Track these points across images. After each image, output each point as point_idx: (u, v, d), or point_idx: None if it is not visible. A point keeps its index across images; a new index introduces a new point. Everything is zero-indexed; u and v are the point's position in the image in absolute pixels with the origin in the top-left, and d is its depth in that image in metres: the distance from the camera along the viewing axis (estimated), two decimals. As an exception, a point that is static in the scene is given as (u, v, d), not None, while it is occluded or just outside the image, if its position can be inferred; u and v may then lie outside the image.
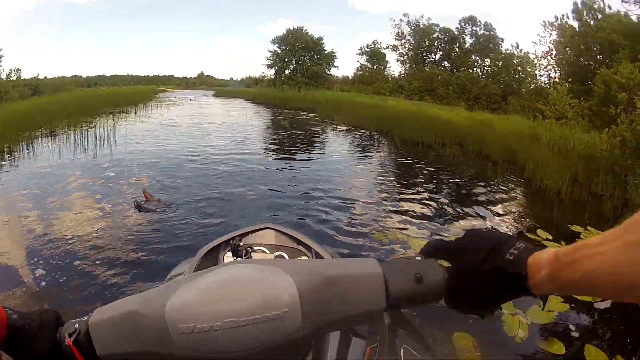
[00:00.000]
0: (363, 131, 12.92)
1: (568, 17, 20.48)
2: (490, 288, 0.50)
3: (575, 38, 18.38)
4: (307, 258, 1.08)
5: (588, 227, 4.62)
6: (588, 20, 18.10)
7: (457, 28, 36.75)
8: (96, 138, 8.98)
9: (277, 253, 1.09)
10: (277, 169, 7.07)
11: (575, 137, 9.46)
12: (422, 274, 0.52)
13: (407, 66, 39.42)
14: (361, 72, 41.49)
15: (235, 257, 1.03)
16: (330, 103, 19.50)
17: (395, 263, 0.54)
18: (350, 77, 43.67)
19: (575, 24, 19.60)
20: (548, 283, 0.46)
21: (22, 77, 31.72)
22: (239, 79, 60.78)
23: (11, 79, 30.68)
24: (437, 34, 37.89)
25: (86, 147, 8.25)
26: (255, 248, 1.09)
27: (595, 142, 8.83)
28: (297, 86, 31.34)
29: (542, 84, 25.84)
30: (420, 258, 0.56)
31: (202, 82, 72.91)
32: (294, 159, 8.14)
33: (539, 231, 4.38)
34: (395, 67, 72.65)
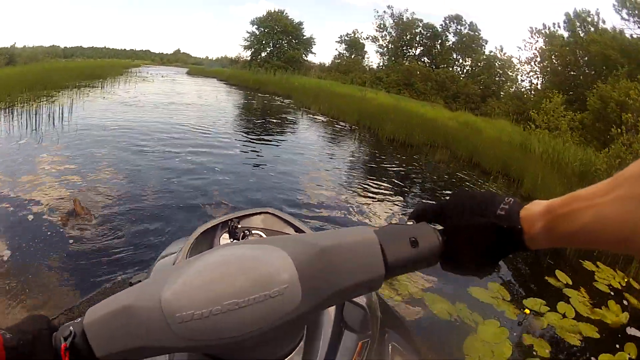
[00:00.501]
0: (343, 124, 11.96)
1: (559, 26, 20.36)
2: (485, 245, 0.49)
3: (564, 48, 18.13)
4: None
5: (598, 263, 4.08)
6: (579, 32, 17.83)
7: (441, 25, 36.63)
8: (49, 117, 7.63)
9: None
10: (246, 163, 6.06)
11: (570, 152, 8.94)
12: (417, 237, 0.51)
13: (386, 58, 39.20)
14: (339, 61, 40.99)
15: (232, 239, 1.02)
16: (307, 90, 18.28)
17: (389, 229, 0.53)
18: (327, 65, 43.29)
19: (565, 34, 19.48)
20: (544, 236, 0.45)
21: None
22: (214, 59, 58.34)
23: None
24: (419, 29, 37.64)
25: (34, 127, 6.82)
26: (252, 231, 1.06)
27: (590, 159, 8.40)
28: (273, 69, 29.88)
29: (523, 89, 25.87)
30: (411, 223, 0.55)
31: (177, 59, 70.64)
32: (266, 152, 7.05)
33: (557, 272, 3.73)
34: (374, 59, 72.82)
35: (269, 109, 14.91)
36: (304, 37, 38.11)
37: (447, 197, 0.56)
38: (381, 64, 39.22)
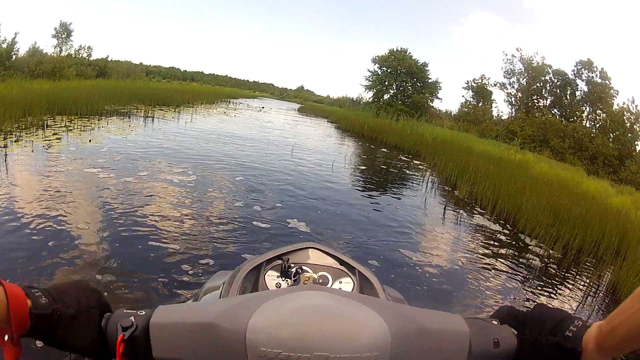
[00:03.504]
0: (502, 220, 6.63)
1: None
2: (550, 359, 0.55)
3: None
4: (350, 280, 1.06)
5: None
6: None
7: (572, 71, 31.36)
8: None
9: (320, 273, 1.07)
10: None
11: None
12: (499, 339, 0.56)
13: (515, 109, 34.89)
14: (466, 109, 36.69)
15: (281, 276, 1.01)
16: (441, 147, 13.10)
17: (479, 324, 0.57)
18: (453, 113, 38.62)
19: None
20: (595, 354, 0.51)
21: (92, 57, 31.62)
22: (335, 97, 57.87)
23: (81, 55, 30.01)
24: (550, 75, 32.79)
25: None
26: (303, 268, 1.05)
27: None
28: (396, 114, 25.87)
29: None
30: (496, 322, 0.60)
31: (298, 96, 71.86)
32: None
33: None
34: (502, 108, 66.26)
35: (394, 178, 9.38)
36: (430, 80, 33.75)
37: (530, 307, 0.61)
38: (512, 114, 35.05)
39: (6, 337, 0.46)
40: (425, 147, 13.70)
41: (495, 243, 5.42)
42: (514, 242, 5.65)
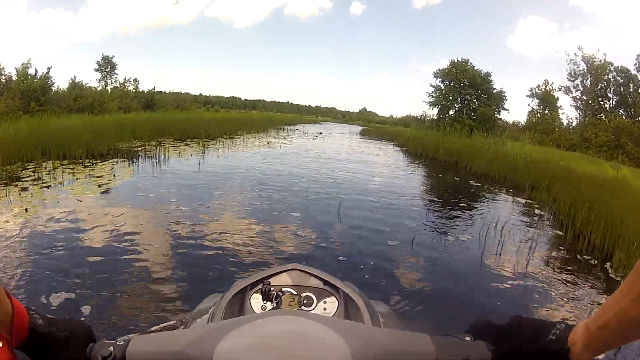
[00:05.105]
0: None
1: None
2: None
3: None
4: (335, 299, 1.07)
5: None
6: None
7: (635, 66, 29.09)
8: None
9: (304, 294, 1.07)
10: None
11: None
12: (471, 355, 0.54)
13: (583, 113, 32.93)
14: (534, 118, 35.37)
15: (264, 300, 1.02)
16: (541, 172, 10.66)
17: (447, 343, 0.56)
18: (521, 124, 36.69)
19: None
20: (585, 352, 0.51)
21: (139, 89, 32.27)
22: (398, 117, 57.83)
23: (127, 88, 30.41)
24: (613, 73, 30.74)
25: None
26: (283, 290, 1.07)
27: None
28: (465, 130, 24.78)
29: None
30: (469, 338, 0.58)
31: (360, 118, 72.01)
32: None
33: None
34: (569, 113, 62.84)
35: (509, 247, 5.48)
36: (494, 91, 32.22)
37: (506, 319, 0.60)
38: (580, 119, 33.25)
39: (0, 344, 0.50)
40: (520, 173, 11.41)
41: None
42: None
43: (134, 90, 31.56)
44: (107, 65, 32.26)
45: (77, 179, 7.66)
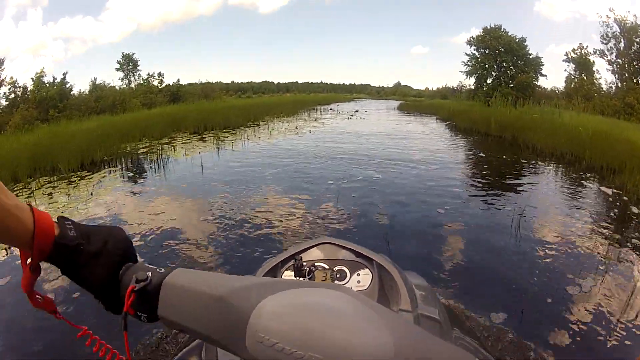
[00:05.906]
0: None
1: None
2: None
3: None
4: (369, 271, 1.05)
5: None
6: None
7: None
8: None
9: (337, 268, 1.05)
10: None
11: None
12: None
13: (620, 77, 30.24)
14: (573, 85, 32.70)
15: (296, 276, 1.00)
16: (609, 147, 8.77)
17: None
18: (559, 90, 35.20)
19: None
20: None
21: (163, 83, 31.24)
22: (434, 89, 55.14)
23: (152, 83, 30.14)
24: None
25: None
26: (316, 265, 1.05)
27: None
28: (505, 99, 24.00)
29: None
30: None
31: (396, 92, 70.73)
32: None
33: None
34: (606, 77, 60.46)
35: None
36: (530, 56, 31.01)
37: None
38: (616, 83, 30.68)
39: (28, 261, 0.48)
40: (591, 150, 9.21)
41: None
42: None
43: (158, 85, 30.82)
44: (128, 63, 31.05)
45: (50, 201, 6.29)
